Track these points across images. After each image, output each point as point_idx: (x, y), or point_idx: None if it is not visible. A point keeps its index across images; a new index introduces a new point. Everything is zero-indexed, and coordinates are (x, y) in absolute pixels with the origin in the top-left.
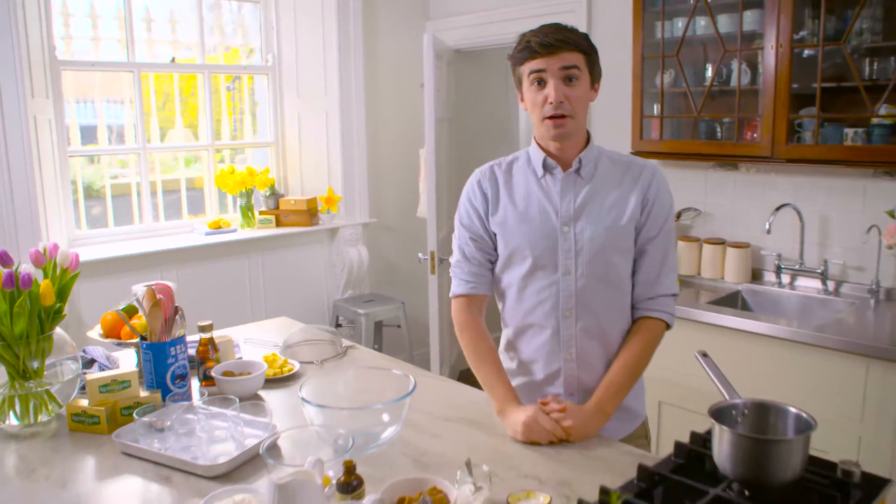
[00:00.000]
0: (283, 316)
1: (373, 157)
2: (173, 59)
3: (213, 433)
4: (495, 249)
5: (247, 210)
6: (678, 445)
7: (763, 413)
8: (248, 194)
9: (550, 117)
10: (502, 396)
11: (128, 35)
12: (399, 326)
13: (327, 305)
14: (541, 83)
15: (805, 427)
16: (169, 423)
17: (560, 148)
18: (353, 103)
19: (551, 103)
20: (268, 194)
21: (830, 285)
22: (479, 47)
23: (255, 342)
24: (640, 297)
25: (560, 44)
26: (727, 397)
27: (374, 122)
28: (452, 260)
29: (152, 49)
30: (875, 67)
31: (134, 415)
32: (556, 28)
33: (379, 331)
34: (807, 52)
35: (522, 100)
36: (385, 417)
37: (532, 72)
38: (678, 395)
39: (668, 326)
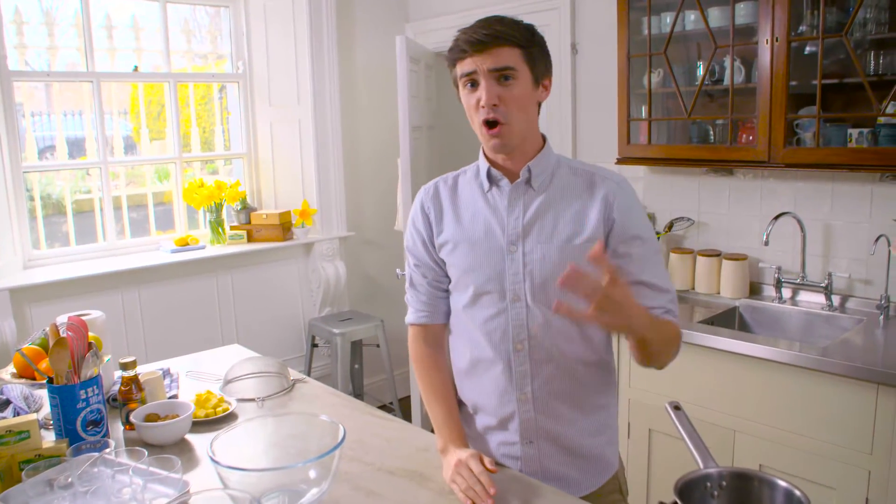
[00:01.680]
0: (254, 338)
1: (350, 167)
2: (136, 68)
3: (119, 492)
4: (446, 276)
5: (216, 225)
6: None
7: (744, 486)
8: (218, 209)
9: (485, 124)
10: (447, 436)
11: (87, 43)
12: (378, 346)
13: (303, 325)
14: (474, 84)
15: None
16: (69, 479)
17: (507, 157)
18: (327, 111)
19: (483, 107)
20: (239, 208)
21: (835, 300)
22: None
23: (197, 375)
24: None
25: (490, 39)
26: (700, 463)
27: (351, 130)
28: (406, 285)
29: (114, 57)
30: (881, 61)
31: (23, 474)
32: (488, 23)
33: (359, 350)
34: (806, 46)
35: (462, 102)
36: (312, 473)
37: (463, 74)
38: (669, 424)
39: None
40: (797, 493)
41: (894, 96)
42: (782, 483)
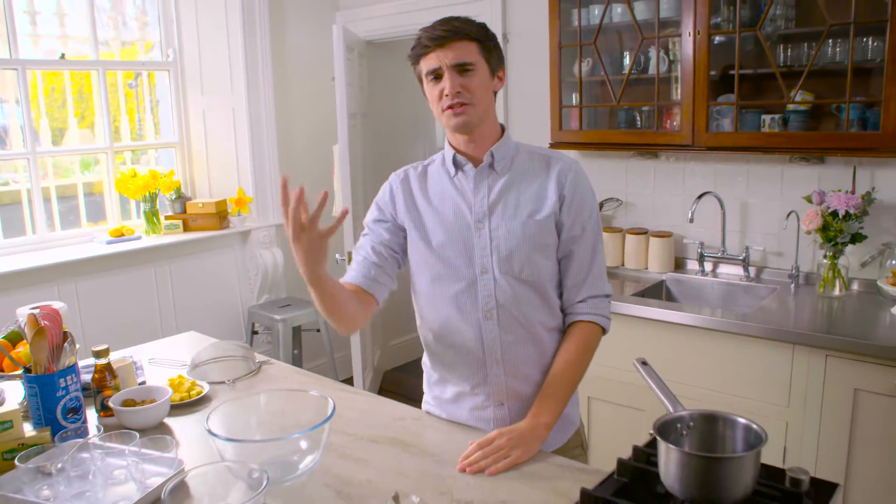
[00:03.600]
0: (194, 328)
1: (285, 155)
2: (63, 56)
3: (112, 474)
4: (393, 253)
5: (151, 215)
6: (621, 463)
7: (710, 425)
8: (153, 199)
9: (450, 106)
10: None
11: (8, 29)
12: (318, 330)
13: (242, 313)
14: (437, 78)
15: (756, 440)
16: (60, 465)
17: (469, 142)
18: (261, 99)
19: (447, 95)
20: (173, 198)
21: (752, 272)
22: (393, 38)
23: (160, 363)
24: (570, 300)
25: (450, 34)
26: (670, 408)
27: (284, 118)
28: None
29: (38, 44)
30: (789, 54)
31: (15, 461)
32: (447, 20)
33: (298, 336)
34: (723, 38)
35: (427, 97)
36: (303, 445)
37: (428, 71)
38: (608, 391)
39: (603, 331)
40: (755, 426)
41: (802, 85)
42: (742, 420)
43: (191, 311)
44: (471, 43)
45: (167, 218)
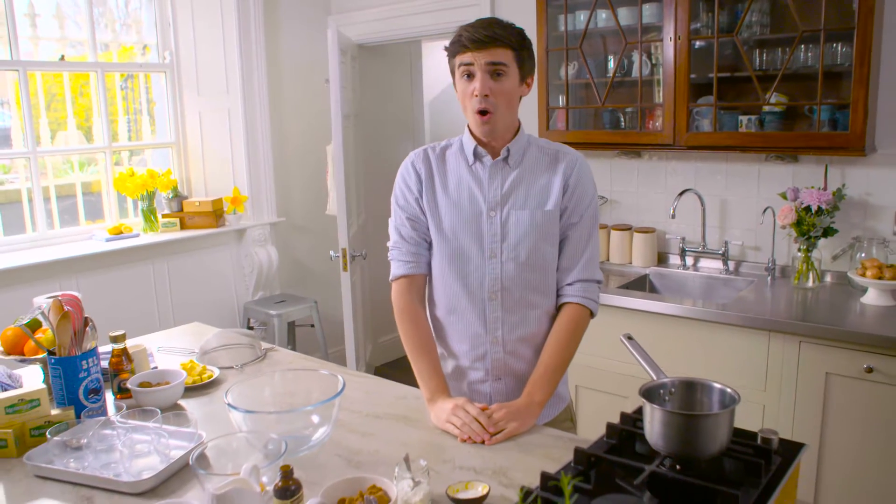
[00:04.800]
0: (193, 322)
1: (278, 154)
2: (62, 57)
3: (135, 448)
4: (429, 230)
5: (149, 214)
6: (610, 426)
7: (690, 390)
8: (150, 197)
9: (479, 113)
10: (434, 387)
11: (10, 31)
12: (312, 326)
13: (237, 308)
14: (470, 76)
15: (730, 401)
16: (86, 440)
17: (491, 138)
18: (256, 100)
19: (476, 96)
20: (170, 196)
21: (731, 265)
22: (383, 42)
23: (169, 350)
24: (562, 282)
25: (489, 40)
26: (654, 377)
27: (278, 118)
28: (390, 244)
29: (38, 46)
30: (765, 58)
31: (46, 434)
32: (489, 24)
33: (292, 331)
34: (703, 43)
35: (457, 90)
36: (315, 419)
37: (462, 64)
38: (594, 379)
39: (591, 314)
40: (728, 390)
41: (776, 88)
42: (717, 385)
43: (188, 307)
44: (508, 50)
45: (164, 216)
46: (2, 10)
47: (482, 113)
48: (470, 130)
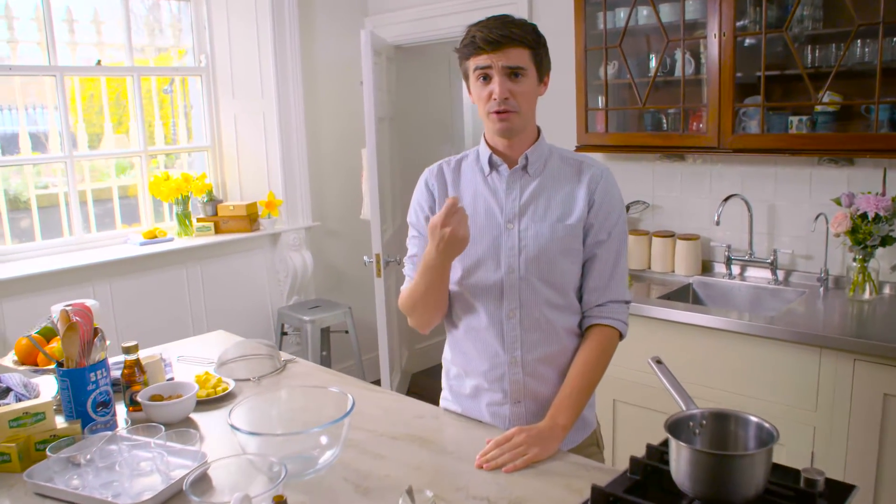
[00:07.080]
0: (224, 328)
1: (313, 158)
2: (99, 62)
3: (138, 466)
4: None
5: (183, 218)
6: (633, 461)
7: (722, 423)
8: (185, 201)
9: (496, 112)
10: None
11: (48, 37)
12: (347, 332)
13: (271, 313)
14: (486, 79)
15: (767, 438)
16: (89, 456)
17: (508, 144)
18: (291, 103)
19: (495, 99)
20: (205, 200)
21: (780, 275)
22: (421, 42)
23: (189, 360)
24: (589, 303)
25: (504, 40)
26: (683, 407)
27: (313, 122)
28: (405, 258)
29: (76, 52)
30: (817, 55)
31: (47, 451)
32: (502, 22)
33: (326, 337)
34: (750, 40)
35: (470, 93)
36: (323, 440)
37: (477, 68)
38: (632, 393)
39: (621, 336)
40: (766, 425)
41: (829, 86)
42: (754, 418)
43: (221, 312)
44: (524, 49)
45: (199, 220)
46: (40, 16)
47: (501, 112)
48: (485, 140)
